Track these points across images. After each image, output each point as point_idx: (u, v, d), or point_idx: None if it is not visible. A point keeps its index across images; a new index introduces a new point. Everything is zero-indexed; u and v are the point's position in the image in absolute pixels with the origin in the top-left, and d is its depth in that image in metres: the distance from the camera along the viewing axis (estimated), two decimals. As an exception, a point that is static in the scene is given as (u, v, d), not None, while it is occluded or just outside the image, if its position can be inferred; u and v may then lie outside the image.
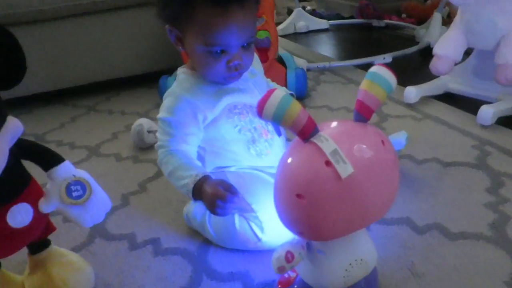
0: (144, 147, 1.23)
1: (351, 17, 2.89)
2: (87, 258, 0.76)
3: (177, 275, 0.74)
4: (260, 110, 0.45)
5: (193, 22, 0.67)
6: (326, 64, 1.80)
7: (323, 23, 2.69)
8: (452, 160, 1.03)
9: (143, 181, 1.07)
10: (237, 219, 0.74)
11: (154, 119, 1.36)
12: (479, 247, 0.75)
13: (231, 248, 0.78)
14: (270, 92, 0.45)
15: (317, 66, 1.80)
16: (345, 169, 0.44)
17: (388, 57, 1.79)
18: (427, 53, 1.92)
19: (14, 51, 0.58)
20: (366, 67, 1.77)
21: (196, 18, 0.66)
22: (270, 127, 0.78)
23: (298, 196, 0.45)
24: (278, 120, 0.45)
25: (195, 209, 0.83)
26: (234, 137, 0.76)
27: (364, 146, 0.46)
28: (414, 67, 1.85)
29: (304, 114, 0.45)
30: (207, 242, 0.81)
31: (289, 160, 0.47)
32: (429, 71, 1.33)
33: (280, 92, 0.45)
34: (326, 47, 2.39)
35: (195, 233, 0.84)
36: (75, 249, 0.82)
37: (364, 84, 0.49)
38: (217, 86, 0.75)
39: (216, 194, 0.63)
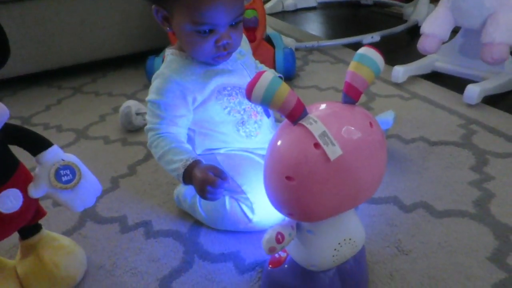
0: (133, 130, 1.23)
1: (339, -5, 2.86)
2: (78, 242, 0.77)
3: (169, 256, 0.75)
4: (249, 93, 0.45)
5: (180, 1, 0.66)
6: (315, 43, 1.79)
7: (311, 1, 2.67)
8: (438, 139, 1.05)
9: (133, 163, 1.06)
10: (227, 200, 0.75)
11: (141, 100, 1.35)
12: (463, 224, 0.77)
13: (222, 229, 0.79)
14: (259, 75, 0.45)
15: (305, 46, 1.79)
16: (334, 151, 0.44)
17: (376, 36, 1.79)
18: (414, 31, 1.92)
19: (-3, 33, 0.57)
20: (354, 46, 1.77)
21: None
22: (259, 109, 0.78)
23: (288, 178, 0.46)
24: (267, 103, 0.45)
25: (186, 191, 0.83)
26: (224, 118, 0.76)
27: (352, 128, 0.46)
28: (402, 46, 1.85)
29: (293, 97, 0.45)
30: (198, 224, 0.82)
31: (278, 143, 0.47)
32: (417, 50, 1.34)
33: (269, 74, 0.45)
34: (314, 25, 2.37)
35: (186, 215, 0.85)
36: (66, 233, 0.82)
37: (352, 66, 0.49)
38: (206, 67, 0.75)
39: (206, 179, 0.63)
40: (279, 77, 0.82)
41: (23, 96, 1.63)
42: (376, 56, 0.49)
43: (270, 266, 0.61)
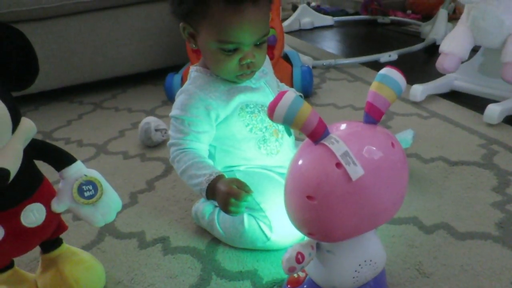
0: (152, 145, 1.24)
1: (356, 13, 2.89)
2: (97, 256, 0.77)
3: (187, 273, 0.75)
4: (271, 113, 0.46)
5: (206, 19, 0.67)
6: (332, 61, 1.80)
7: (328, 19, 2.69)
8: (459, 159, 1.04)
9: (151, 179, 1.07)
10: (246, 218, 0.75)
11: (160, 117, 1.37)
12: (486, 247, 0.75)
13: (240, 247, 0.79)
14: (281, 95, 0.45)
15: (323, 64, 1.80)
16: (356, 171, 0.44)
17: (393, 54, 1.79)
18: (432, 50, 1.92)
19: (27, 52, 0.59)
20: (371, 64, 1.77)
21: (209, 15, 0.67)
22: (281, 127, 0.79)
23: (309, 197, 0.46)
24: (289, 123, 0.45)
25: (204, 208, 0.83)
26: (245, 135, 0.76)
27: (374, 148, 0.46)
28: (420, 64, 1.85)
29: (315, 116, 0.46)
30: (215, 241, 0.82)
31: (300, 162, 0.47)
32: (435, 69, 1.33)
33: (291, 94, 0.46)
34: (331, 43, 2.38)
35: (204, 232, 0.85)
36: (85, 247, 0.83)
37: (374, 86, 0.49)
38: (230, 85, 0.76)
39: (230, 192, 0.63)
40: (299, 96, 0.83)
41: (45, 111, 1.67)
42: (398, 77, 0.49)
43: (288, 286, 0.61)
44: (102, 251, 0.83)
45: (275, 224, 0.73)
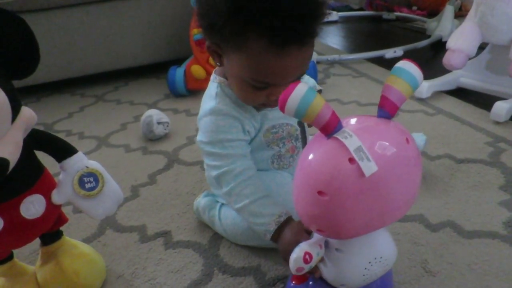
0: (154, 139, 1.22)
1: (361, 9, 2.87)
2: (98, 250, 0.76)
3: (189, 268, 0.74)
4: (282, 105, 0.44)
5: (241, 52, 0.59)
6: (336, 56, 1.78)
7: (333, 15, 2.66)
8: (465, 156, 1.02)
9: (153, 173, 1.06)
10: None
11: (163, 110, 1.36)
12: (494, 246, 0.74)
13: (241, 243, 0.78)
14: (293, 86, 0.44)
15: (327, 59, 1.78)
16: (369, 167, 0.43)
17: (399, 51, 1.77)
18: (438, 46, 1.90)
19: (28, 40, 0.57)
20: (376, 60, 1.75)
21: (246, 50, 0.58)
22: (298, 144, 0.76)
23: (320, 193, 0.44)
24: (301, 115, 0.44)
25: (206, 203, 0.82)
26: (262, 148, 0.73)
27: (388, 144, 0.45)
28: (426, 61, 1.83)
29: (328, 110, 0.44)
30: (218, 236, 0.81)
31: (311, 156, 0.46)
32: (441, 65, 1.31)
33: (303, 86, 0.44)
34: (335, 39, 2.36)
35: (206, 226, 0.84)
36: (86, 240, 0.82)
37: (389, 79, 0.47)
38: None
39: (300, 239, 0.56)
40: (319, 90, 0.80)
41: (46, 103, 1.66)
42: (414, 70, 0.47)
43: (293, 282, 0.59)
44: (102, 244, 0.82)
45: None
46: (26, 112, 0.57)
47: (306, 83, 0.80)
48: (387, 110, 0.47)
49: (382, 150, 0.44)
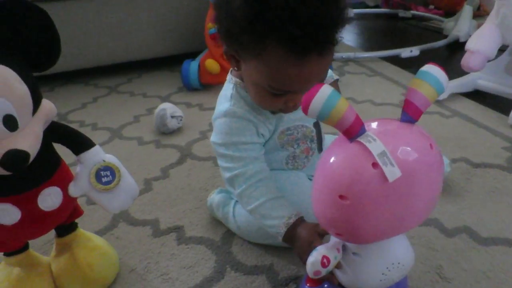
0: (167, 132, 1.22)
1: (376, 6, 2.83)
2: (111, 242, 0.76)
3: (201, 265, 0.74)
4: (305, 106, 0.43)
5: (259, 60, 0.57)
6: (351, 54, 1.77)
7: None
8: (482, 161, 1.01)
9: (166, 166, 1.06)
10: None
11: (175, 103, 1.36)
12: (510, 254, 0.73)
13: (255, 241, 0.77)
14: (317, 88, 0.43)
15: (342, 56, 1.76)
16: (393, 172, 0.42)
17: (415, 50, 1.74)
18: (455, 47, 1.87)
19: (50, 32, 0.57)
20: (392, 59, 1.73)
21: (265, 58, 0.56)
22: (313, 145, 0.75)
23: (341, 197, 0.43)
24: (324, 118, 0.43)
25: (219, 199, 0.82)
26: (276, 149, 0.73)
27: (412, 149, 0.44)
28: (442, 61, 1.80)
29: (351, 113, 0.43)
30: (230, 233, 0.81)
31: (333, 159, 0.45)
32: (458, 66, 1.29)
33: (327, 88, 0.43)
34: (349, 35, 2.33)
35: (219, 223, 0.84)
36: (99, 233, 0.82)
37: (413, 83, 0.46)
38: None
39: (314, 240, 0.58)
40: (336, 79, 0.79)
41: (60, 92, 1.66)
42: (440, 74, 0.46)
43: (308, 285, 0.59)
44: (116, 237, 0.82)
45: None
46: (47, 104, 0.57)
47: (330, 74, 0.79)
48: (410, 114, 0.46)
49: (405, 155, 0.43)
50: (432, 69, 0.46)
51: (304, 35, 0.52)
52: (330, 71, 0.81)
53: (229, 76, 0.71)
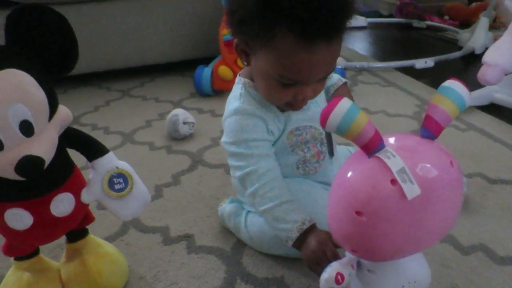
0: (178, 138, 1.22)
1: (390, 16, 2.82)
2: (120, 249, 0.76)
3: (211, 275, 0.73)
4: (324, 120, 0.43)
5: (269, 48, 0.59)
6: (365, 63, 1.75)
7: (361, 20, 2.63)
8: (498, 177, 0.99)
9: (177, 173, 1.06)
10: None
11: (187, 108, 1.36)
12: (528, 274, 0.71)
13: (267, 252, 0.76)
14: (336, 102, 0.42)
15: (355, 66, 1.75)
16: (412, 190, 0.41)
17: (430, 61, 1.72)
18: (470, 59, 1.85)
19: (68, 37, 0.57)
20: (406, 70, 1.72)
21: (274, 46, 0.58)
22: (324, 149, 0.75)
23: (358, 213, 0.43)
24: (343, 132, 0.42)
25: (231, 209, 0.81)
26: (286, 153, 0.72)
27: (432, 166, 0.43)
28: (457, 73, 1.78)
29: (371, 128, 0.43)
30: (241, 243, 0.80)
31: (350, 174, 0.44)
32: (473, 78, 1.26)
33: (346, 102, 0.42)
34: (363, 45, 2.32)
35: (229, 232, 0.83)
36: (109, 239, 0.82)
37: (435, 99, 0.45)
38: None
39: (324, 249, 0.59)
40: (345, 82, 0.79)
41: (73, 95, 1.67)
42: (462, 90, 0.45)
43: (320, 300, 0.58)
44: (125, 243, 0.82)
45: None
46: (63, 110, 0.57)
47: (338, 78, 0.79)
48: (431, 130, 0.45)
49: (425, 172, 0.42)
50: (454, 85, 0.45)
51: (313, 20, 0.54)
52: (337, 75, 0.80)
53: (237, 78, 0.73)
